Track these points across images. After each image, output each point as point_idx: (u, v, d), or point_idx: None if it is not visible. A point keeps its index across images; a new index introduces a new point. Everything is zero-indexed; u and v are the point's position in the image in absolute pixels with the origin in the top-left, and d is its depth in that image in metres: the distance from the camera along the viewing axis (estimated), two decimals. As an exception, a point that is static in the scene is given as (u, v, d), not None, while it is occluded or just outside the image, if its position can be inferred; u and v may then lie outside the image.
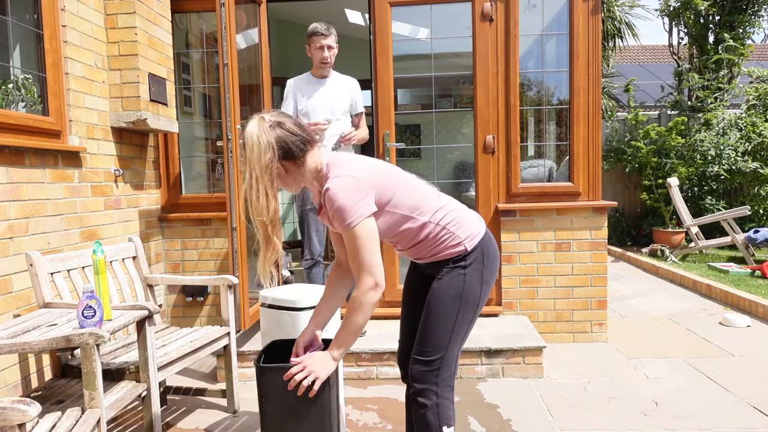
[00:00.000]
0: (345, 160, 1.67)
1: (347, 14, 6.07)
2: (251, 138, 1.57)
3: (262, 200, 1.57)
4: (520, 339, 3.22)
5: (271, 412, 1.71)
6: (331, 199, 1.57)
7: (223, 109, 3.00)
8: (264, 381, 1.70)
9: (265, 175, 1.57)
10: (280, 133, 1.60)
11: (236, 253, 3.02)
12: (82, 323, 1.84)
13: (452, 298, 1.72)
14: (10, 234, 2.35)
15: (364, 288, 1.60)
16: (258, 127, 1.59)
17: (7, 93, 2.54)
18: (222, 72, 2.97)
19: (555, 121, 3.96)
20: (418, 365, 1.73)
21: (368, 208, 1.60)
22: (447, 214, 1.74)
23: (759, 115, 7.19)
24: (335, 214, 1.58)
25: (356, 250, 1.59)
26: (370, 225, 1.60)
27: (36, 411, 1.38)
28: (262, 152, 1.56)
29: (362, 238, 1.58)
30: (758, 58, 13.67)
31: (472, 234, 1.75)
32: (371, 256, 1.59)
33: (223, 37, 2.95)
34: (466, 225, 1.75)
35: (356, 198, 1.58)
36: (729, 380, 3.02)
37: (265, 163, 1.56)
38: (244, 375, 3.17)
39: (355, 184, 1.59)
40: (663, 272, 5.87)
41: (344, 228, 1.58)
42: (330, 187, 1.58)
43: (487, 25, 3.56)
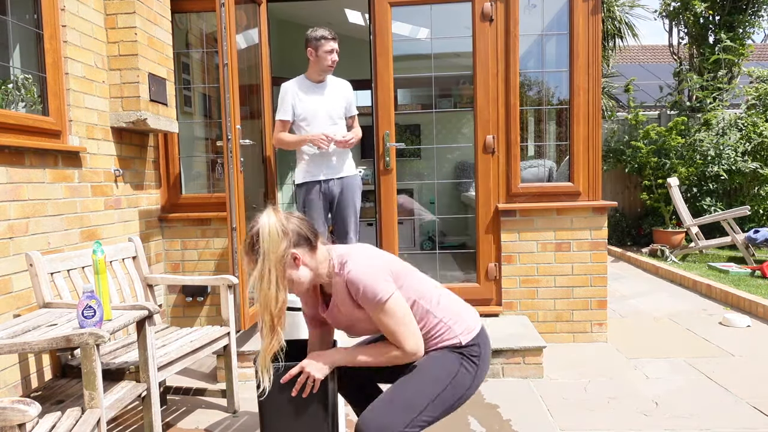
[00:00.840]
0: (357, 250, 1.69)
1: (347, 14, 6.07)
2: (266, 227, 1.57)
3: (272, 291, 1.56)
4: (520, 339, 3.22)
5: (270, 412, 1.71)
6: (354, 280, 1.59)
7: (222, 109, 3.00)
8: None
9: (279, 264, 1.57)
10: (294, 221, 1.63)
11: (236, 253, 3.02)
12: (82, 323, 1.84)
13: (444, 374, 1.68)
14: (10, 234, 2.35)
15: (404, 353, 1.61)
16: (272, 216, 1.60)
17: (7, 93, 2.54)
18: (222, 72, 2.98)
19: (555, 121, 3.96)
20: (376, 419, 1.59)
21: (393, 285, 1.62)
22: (446, 307, 1.75)
23: (759, 115, 7.19)
24: (363, 293, 1.59)
25: (392, 325, 1.60)
26: (399, 298, 1.62)
27: (36, 411, 1.38)
28: (278, 241, 1.57)
29: (398, 312, 1.60)
30: (758, 58, 13.67)
31: (468, 328, 1.74)
32: (408, 326, 1.61)
33: (223, 37, 2.95)
34: (463, 319, 1.75)
35: (380, 276, 1.60)
36: (729, 380, 3.02)
37: (280, 253, 1.57)
38: (244, 375, 3.17)
39: (375, 264, 1.63)
40: (663, 272, 5.87)
41: (375, 305, 1.59)
42: (352, 269, 1.60)
43: (487, 25, 3.56)
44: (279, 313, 1.58)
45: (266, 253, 1.56)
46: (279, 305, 1.58)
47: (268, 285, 1.56)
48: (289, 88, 3.42)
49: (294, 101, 3.40)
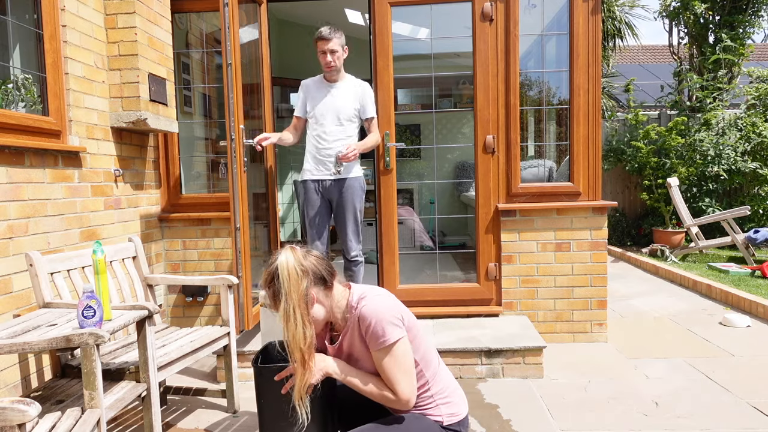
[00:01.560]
0: (376, 291, 1.70)
1: (347, 14, 6.07)
2: (286, 267, 1.59)
3: (300, 328, 1.58)
4: (520, 339, 3.22)
5: (268, 412, 1.71)
6: (366, 316, 1.60)
7: (226, 109, 3.00)
8: (262, 381, 1.71)
9: (302, 302, 1.59)
10: (313, 260, 1.65)
11: (240, 252, 3.02)
12: (82, 323, 1.84)
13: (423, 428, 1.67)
14: (10, 234, 2.35)
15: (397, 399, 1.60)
16: (291, 256, 1.62)
17: (7, 93, 2.54)
18: (225, 71, 2.98)
19: (555, 121, 3.96)
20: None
21: (404, 331, 1.62)
22: (442, 382, 1.74)
23: (759, 115, 7.19)
24: (373, 331, 1.59)
25: (392, 370, 1.60)
26: (406, 345, 1.62)
27: (36, 411, 1.38)
28: (299, 280, 1.59)
29: (399, 358, 1.59)
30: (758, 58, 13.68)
31: (455, 413, 1.74)
32: (406, 375, 1.60)
33: (226, 37, 2.95)
34: (454, 402, 1.75)
35: (393, 318, 1.60)
36: (729, 380, 3.02)
37: (302, 291, 1.59)
38: (244, 375, 3.17)
39: (391, 306, 1.63)
40: (663, 272, 5.87)
41: (380, 344, 1.59)
42: (366, 304, 1.61)
43: (487, 25, 3.56)
44: (308, 349, 1.60)
45: (288, 293, 1.58)
46: (308, 341, 1.60)
47: (294, 324, 1.58)
48: (304, 86, 3.43)
49: (306, 99, 3.41)
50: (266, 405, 1.72)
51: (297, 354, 1.60)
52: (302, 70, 6.39)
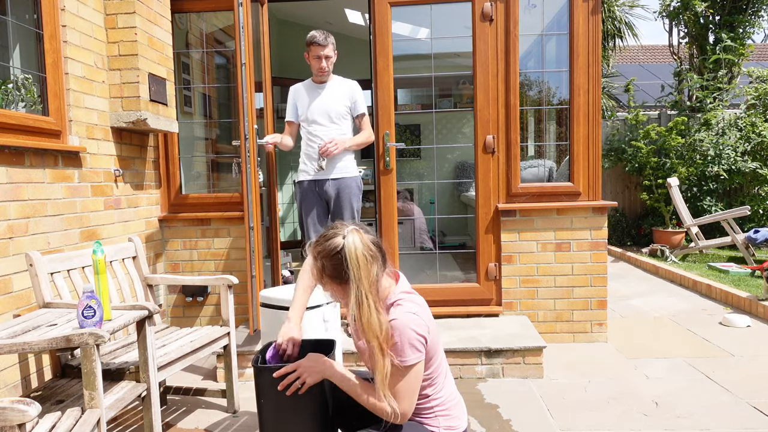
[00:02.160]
0: (412, 299, 1.65)
1: (347, 14, 6.07)
2: (355, 251, 1.53)
3: (374, 317, 1.52)
4: (520, 339, 3.22)
5: (268, 412, 1.71)
6: (394, 326, 1.55)
7: (240, 108, 3.01)
8: (261, 381, 1.71)
9: (373, 288, 1.54)
10: (377, 244, 1.59)
11: (253, 252, 3.03)
12: (82, 323, 1.84)
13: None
14: (10, 234, 2.35)
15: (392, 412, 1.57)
16: (359, 239, 1.55)
17: (7, 93, 2.54)
18: (240, 71, 2.98)
19: (555, 121, 3.96)
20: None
21: (423, 354, 1.59)
22: (445, 394, 1.73)
23: (759, 115, 7.19)
24: (395, 347, 1.55)
25: (398, 384, 1.57)
26: (421, 368, 1.59)
27: (36, 411, 1.38)
28: (369, 265, 1.53)
29: (410, 377, 1.57)
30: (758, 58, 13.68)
31: (452, 426, 1.72)
32: (411, 394, 1.58)
33: (241, 37, 2.95)
34: (454, 416, 1.73)
35: (415, 341, 1.56)
36: (729, 380, 3.02)
37: (373, 278, 1.54)
38: (244, 375, 3.17)
39: (419, 324, 1.58)
40: (663, 272, 5.87)
41: (395, 359, 1.56)
42: (397, 318, 1.56)
43: (487, 25, 3.56)
44: (385, 337, 1.54)
45: (359, 280, 1.53)
46: (384, 329, 1.54)
47: (368, 311, 1.52)
48: (293, 90, 3.44)
49: (296, 102, 3.42)
50: (266, 405, 1.72)
51: (374, 342, 1.54)
52: (302, 70, 6.39)
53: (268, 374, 1.69)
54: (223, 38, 4.08)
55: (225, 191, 3.99)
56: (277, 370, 1.67)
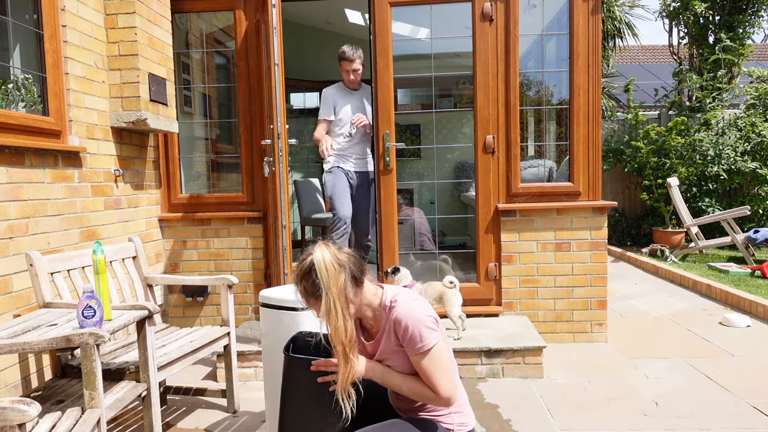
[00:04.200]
0: (407, 294, 1.71)
1: (347, 14, 6.06)
2: (323, 263, 1.61)
3: (341, 322, 1.60)
4: (520, 339, 3.22)
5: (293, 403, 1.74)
6: (401, 320, 1.61)
7: (273, 109, 3.05)
8: (290, 371, 1.73)
9: (341, 296, 1.61)
10: (346, 255, 1.67)
11: (285, 250, 3.07)
12: (82, 323, 1.84)
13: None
14: (10, 234, 2.35)
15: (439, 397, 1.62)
16: (327, 252, 1.63)
17: (7, 93, 2.54)
18: (273, 72, 3.01)
19: (555, 121, 3.96)
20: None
21: (438, 334, 1.63)
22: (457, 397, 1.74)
23: (758, 115, 7.19)
24: (411, 337, 1.60)
25: (431, 370, 1.61)
26: (441, 347, 1.63)
27: (36, 411, 1.38)
28: (337, 274, 1.61)
29: (440, 358, 1.61)
30: (758, 58, 13.68)
31: (464, 423, 1.76)
32: (447, 375, 1.62)
33: (273, 38, 2.98)
34: (464, 413, 1.77)
35: (427, 322, 1.61)
36: (729, 380, 3.02)
37: (341, 285, 1.61)
38: (244, 375, 3.17)
39: (424, 308, 1.65)
40: (663, 272, 5.87)
41: (418, 350, 1.60)
42: (401, 311, 1.62)
43: (487, 25, 3.56)
44: (350, 342, 1.62)
45: (327, 288, 1.60)
46: (349, 335, 1.62)
47: (336, 317, 1.60)
48: (330, 92, 3.90)
49: (335, 104, 3.87)
50: (291, 395, 1.73)
51: (339, 347, 1.62)
52: (302, 70, 6.39)
53: (299, 365, 1.71)
54: (223, 38, 4.07)
55: (225, 191, 3.99)
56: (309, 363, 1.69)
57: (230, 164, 4.07)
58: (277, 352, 2.39)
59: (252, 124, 3.71)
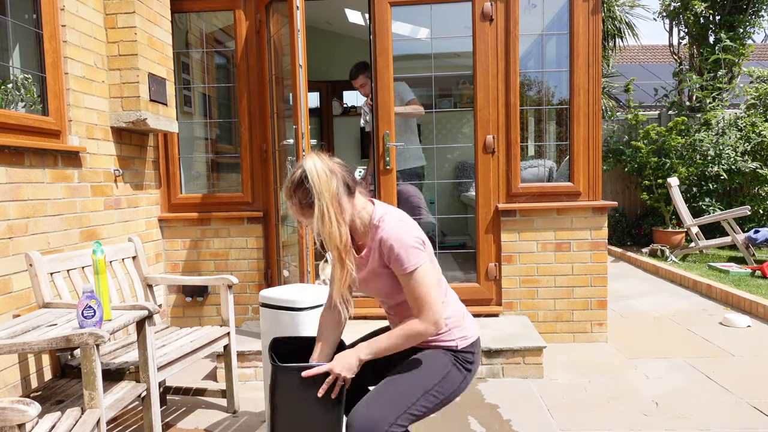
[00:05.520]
0: (396, 212, 1.73)
1: (347, 14, 6.07)
2: (315, 170, 1.63)
3: (335, 228, 1.62)
4: (520, 339, 3.22)
5: (282, 411, 1.72)
6: (388, 240, 1.63)
7: (297, 110, 3.07)
8: (279, 379, 1.70)
9: (334, 201, 1.63)
10: (337, 164, 1.69)
11: (307, 248, 3.12)
12: (82, 323, 1.84)
13: (436, 368, 1.71)
14: (9, 234, 2.35)
15: (425, 323, 1.63)
16: (318, 160, 1.66)
17: (7, 93, 2.54)
18: (296, 73, 3.03)
19: (555, 121, 3.96)
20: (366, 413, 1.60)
21: (423, 255, 1.65)
22: (452, 306, 1.78)
23: (759, 115, 7.19)
24: (397, 256, 1.62)
25: (419, 291, 1.63)
26: (430, 268, 1.65)
27: (36, 411, 1.38)
28: (329, 180, 1.62)
29: (425, 279, 1.63)
30: (759, 58, 13.68)
31: (466, 336, 1.77)
32: (434, 295, 1.64)
33: (297, 40, 3.00)
34: (464, 326, 1.79)
35: (415, 243, 1.63)
36: (729, 380, 3.02)
37: (333, 190, 1.62)
38: (244, 375, 3.17)
39: (411, 228, 1.67)
40: (663, 272, 5.87)
41: (405, 270, 1.62)
42: (388, 229, 1.64)
43: (487, 25, 3.56)
44: (345, 247, 1.65)
45: (320, 193, 1.61)
46: (344, 239, 1.64)
47: (330, 222, 1.62)
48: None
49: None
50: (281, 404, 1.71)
51: (335, 252, 1.65)
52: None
53: (287, 373, 1.69)
54: (223, 38, 4.07)
55: (225, 191, 3.99)
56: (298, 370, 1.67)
57: (230, 164, 4.07)
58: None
59: (252, 124, 3.71)
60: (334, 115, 7.09)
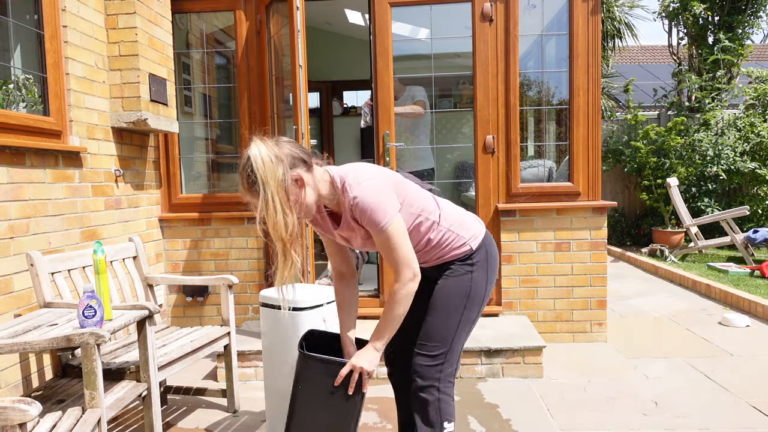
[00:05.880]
0: (359, 168, 1.70)
1: (347, 14, 6.07)
2: (258, 157, 1.57)
3: (280, 217, 1.57)
4: (520, 339, 3.22)
5: (303, 400, 1.76)
6: (361, 205, 1.62)
7: (297, 110, 3.08)
8: (304, 368, 1.76)
9: (280, 189, 1.57)
10: (286, 145, 1.64)
11: (308, 249, 3.11)
12: (83, 323, 1.84)
13: (459, 294, 1.78)
14: (11, 234, 2.35)
15: (404, 280, 1.66)
16: (261, 146, 1.60)
17: (8, 93, 2.55)
18: (296, 73, 3.04)
19: (555, 121, 3.96)
20: (421, 361, 1.77)
21: (395, 207, 1.66)
22: (449, 215, 1.82)
23: (757, 115, 7.20)
24: (368, 219, 1.63)
25: (392, 248, 1.65)
26: (399, 222, 1.67)
27: (36, 411, 1.38)
28: (273, 166, 1.57)
29: (396, 236, 1.64)
30: (758, 58, 13.69)
31: (475, 234, 1.82)
32: (406, 250, 1.66)
33: (297, 40, 3.00)
34: (468, 225, 1.83)
35: (384, 199, 1.63)
36: (729, 380, 3.02)
37: (279, 177, 1.57)
38: (245, 375, 3.18)
39: (379, 185, 1.65)
40: (662, 272, 5.88)
41: (378, 230, 1.64)
42: (357, 194, 1.62)
43: (487, 25, 3.57)
44: (290, 238, 1.60)
45: (265, 181, 1.56)
46: (290, 230, 1.59)
47: (274, 212, 1.57)
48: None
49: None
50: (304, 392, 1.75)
51: (279, 244, 1.60)
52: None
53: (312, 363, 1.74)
54: (223, 38, 4.07)
55: (225, 191, 3.99)
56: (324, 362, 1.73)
57: (230, 164, 4.08)
58: (276, 351, 2.40)
59: (252, 124, 3.72)
60: (334, 115, 7.09)
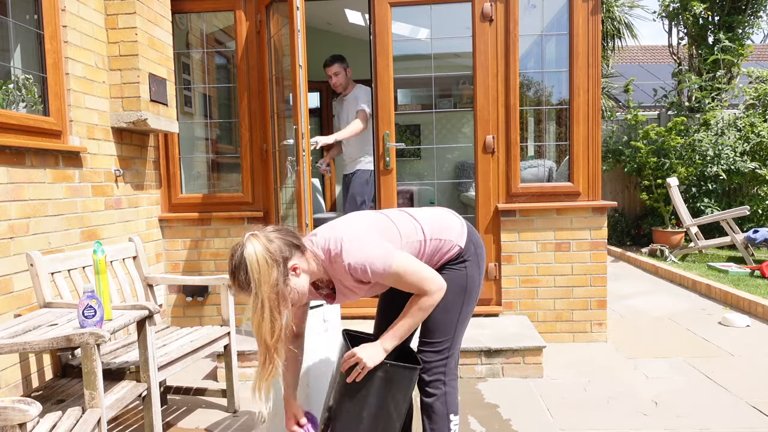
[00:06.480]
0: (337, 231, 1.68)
1: (347, 14, 6.07)
2: (253, 258, 1.53)
3: (267, 321, 1.53)
4: (519, 339, 3.22)
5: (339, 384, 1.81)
6: (359, 267, 1.62)
7: (297, 110, 3.07)
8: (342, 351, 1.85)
9: (272, 294, 1.53)
10: (276, 238, 1.60)
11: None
12: (83, 323, 1.84)
13: (457, 291, 1.81)
14: (10, 234, 2.35)
15: (431, 292, 1.68)
16: (259, 245, 1.55)
17: (8, 93, 2.55)
18: (296, 73, 3.03)
19: (555, 121, 3.96)
20: (427, 357, 1.83)
21: (386, 246, 1.67)
22: (431, 225, 1.83)
23: (757, 115, 7.20)
24: (372, 273, 1.62)
25: (406, 278, 1.66)
26: (399, 254, 1.67)
27: (36, 411, 1.38)
28: (268, 269, 1.53)
29: (404, 268, 1.65)
30: (758, 58, 13.69)
31: (459, 232, 1.85)
32: (420, 270, 1.67)
33: (297, 40, 3.00)
34: (450, 226, 1.84)
35: (375, 250, 1.63)
36: (728, 380, 3.02)
37: (273, 281, 1.53)
38: (245, 375, 3.18)
39: (363, 240, 1.65)
40: (662, 272, 5.88)
41: (386, 275, 1.64)
42: (350, 261, 1.62)
43: (487, 25, 3.57)
44: (275, 343, 1.56)
45: (258, 285, 1.53)
46: (275, 335, 1.55)
47: (261, 316, 1.53)
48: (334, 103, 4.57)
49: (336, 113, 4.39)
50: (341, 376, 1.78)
51: (261, 347, 1.56)
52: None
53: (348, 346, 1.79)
54: (223, 38, 4.07)
55: (225, 191, 3.99)
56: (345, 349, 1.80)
57: (230, 164, 4.08)
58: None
59: (252, 124, 3.72)
60: (334, 115, 7.08)
